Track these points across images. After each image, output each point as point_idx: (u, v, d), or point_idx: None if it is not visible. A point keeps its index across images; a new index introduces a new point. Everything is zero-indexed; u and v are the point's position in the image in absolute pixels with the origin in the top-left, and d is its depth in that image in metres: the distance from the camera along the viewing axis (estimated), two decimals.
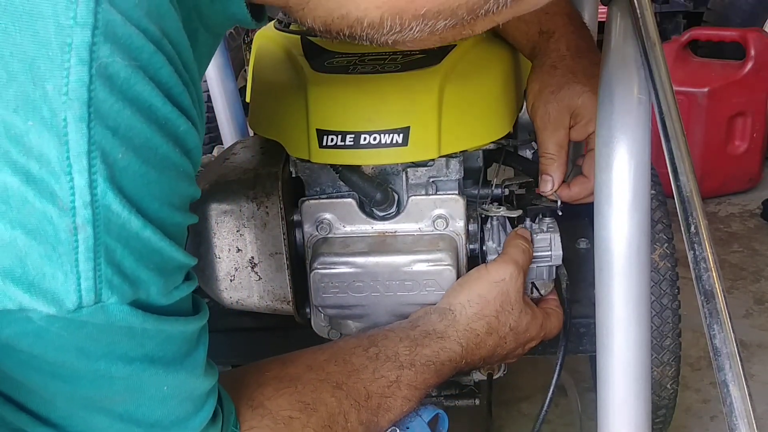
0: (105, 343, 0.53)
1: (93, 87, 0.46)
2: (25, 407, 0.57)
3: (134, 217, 0.50)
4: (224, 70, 1.69)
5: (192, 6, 0.60)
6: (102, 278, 0.49)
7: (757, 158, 2.68)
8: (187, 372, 0.60)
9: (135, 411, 0.59)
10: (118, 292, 0.50)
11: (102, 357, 0.54)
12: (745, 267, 2.20)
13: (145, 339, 0.55)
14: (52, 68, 0.45)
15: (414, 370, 0.84)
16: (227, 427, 0.68)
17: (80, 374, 0.55)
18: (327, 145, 0.91)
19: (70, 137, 0.46)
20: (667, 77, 0.77)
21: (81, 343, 0.53)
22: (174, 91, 0.51)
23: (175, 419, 0.62)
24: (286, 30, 1.07)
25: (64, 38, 0.45)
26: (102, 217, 0.48)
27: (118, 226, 0.49)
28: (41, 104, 0.45)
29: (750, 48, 2.55)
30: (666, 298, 1.16)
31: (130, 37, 0.47)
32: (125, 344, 0.54)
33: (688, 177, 0.72)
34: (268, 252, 0.97)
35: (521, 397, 1.64)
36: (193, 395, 0.63)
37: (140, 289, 0.52)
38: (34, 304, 0.48)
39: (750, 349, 1.79)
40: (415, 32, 0.59)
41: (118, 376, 0.56)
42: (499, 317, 0.90)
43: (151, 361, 0.57)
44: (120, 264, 0.50)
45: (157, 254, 0.53)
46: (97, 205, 0.47)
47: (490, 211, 0.98)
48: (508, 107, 0.99)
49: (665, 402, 1.25)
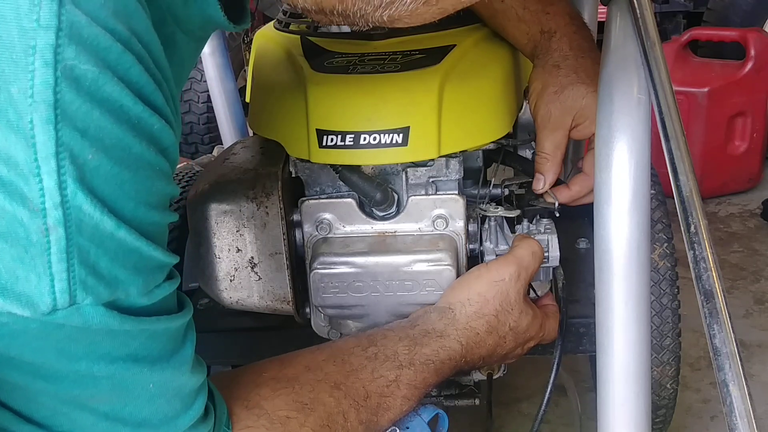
0: (85, 344, 0.53)
1: (59, 89, 0.46)
2: (7, 405, 0.56)
3: (107, 217, 0.49)
4: (224, 70, 1.69)
5: (166, 9, 0.60)
6: (76, 279, 0.49)
7: (757, 158, 2.68)
8: (174, 369, 0.60)
9: (121, 410, 0.58)
10: (93, 292, 0.50)
11: (83, 357, 0.54)
12: (745, 267, 2.20)
13: (128, 338, 0.55)
14: (17, 71, 0.45)
15: (413, 369, 0.84)
16: (219, 427, 0.68)
17: (62, 374, 0.54)
18: (327, 145, 0.91)
19: (37, 139, 0.46)
20: (667, 77, 0.77)
21: (60, 345, 0.52)
22: (145, 90, 0.51)
23: (164, 417, 0.61)
24: (286, 30, 1.07)
25: (27, 41, 0.45)
26: (74, 218, 0.48)
27: (90, 226, 0.49)
28: (7, 107, 0.46)
29: (750, 48, 2.55)
30: (666, 298, 1.16)
31: (96, 38, 0.47)
32: (107, 344, 0.54)
33: (688, 177, 0.72)
34: (268, 252, 0.97)
35: (521, 397, 1.64)
36: (181, 393, 0.62)
37: (118, 290, 0.52)
38: (8, 307, 0.48)
39: (750, 349, 1.79)
40: (408, 2, 0.57)
41: (102, 376, 0.55)
42: (499, 316, 0.90)
43: (135, 360, 0.56)
44: (94, 265, 0.50)
45: (134, 254, 0.52)
46: (67, 206, 0.47)
47: (488, 211, 0.98)
48: (508, 107, 0.99)
49: (665, 402, 1.25)
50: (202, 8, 0.62)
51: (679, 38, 2.76)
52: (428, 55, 0.95)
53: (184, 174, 1.37)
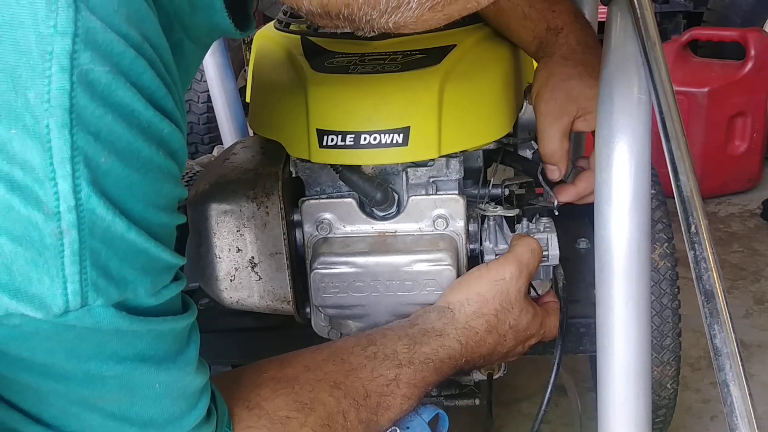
0: (94, 344, 0.54)
1: (74, 94, 0.46)
2: (17, 406, 0.57)
3: (118, 219, 0.50)
4: (224, 70, 1.69)
5: (174, 15, 0.60)
6: (88, 281, 0.49)
7: (757, 158, 2.68)
8: (179, 369, 0.61)
9: (128, 409, 0.59)
10: (104, 294, 0.50)
11: (92, 358, 0.54)
12: (745, 267, 2.20)
13: (136, 339, 0.56)
14: (34, 76, 0.46)
15: (413, 368, 0.84)
16: (221, 428, 0.68)
17: (71, 374, 0.55)
18: (327, 145, 0.91)
19: (53, 144, 0.46)
20: (667, 77, 0.77)
21: (70, 345, 0.53)
22: (156, 95, 0.52)
23: (169, 417, 0.62)
24: (286, 30, 1.07)
25: (44, 46, 0.46)
26: (87, 221, 0.48)
27: (102, 228, 0.49)
28: (23, 112, 0.46)
29: (750, 48, 2.55)
30: (666, 298, 1.16)
31: (110, 43, 0.48)
32: (115, 344, 0.55)
33: (688, 177, 0.72)
34: (268, 252, 0.97)
35: (521, 397, 1.64)
36: (186, 393, 0.63)
37: (127, 290, 0.52)
38: (21, 309, 0.48)
39: (750, 349, 1.79)
40: (413, 7, 0.58)
41: (110, 375, 0.56)
42: (498, 316, 0.90)
43: (142, 360, 0.57)
44: (105, 266, 0.50)
45: (143, 255, 0.53)
46: (81, 209, 0.48)
47: (487, 210, 0.98)
48: (509, 107, 0.99)
49: (665, 402, 1.25)
50: (210, 16, 0.62)
51: (679, 38, 2.76)
52: (428, 55, 0.95)
53: (184, 174, 1.37)
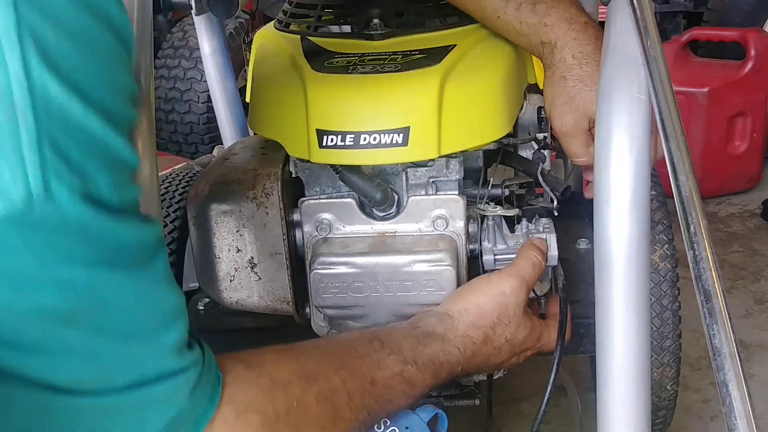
0: (61, 247, 0.52)
1: None
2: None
3: (75, 101, 0.49)
4: (224, 70, 1.69)
5: None
6: (49, 167, 0.48)
7: (757, 158, 2.68)
8: (149, 282, 0.59)
9: (104, 322, 0.57)
10: (66, 182, 0.49)
11: (60, 261, 0.52)
12: (745, 267, 2.20)
13: (101, 242, 0.54)
14: None
15: (416, 367, 0.84)
16: (208, 377, 0.65)
17: (42, 283, 0.52)
18: (327, 145, 0.91)
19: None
20: (668, 77, 0.77)
21: (36, 248, 0.51)
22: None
23: (146, 331, 0.59)
24: (286, 30, 1.07)
25: None
26: (41, 102, 0.47)
27: (58, 112, 0.48)
28: None
29: (750, 48, 2.54)
30: (666, 299, 1.16)
31: None
32: (81, 247, 0.53)
33: (688, 177, 0.72)
34: (268, 252, 0.97)
35: (521, 397, 1.64)
36: (160, 308, 0.60)
37: (89, 182, 0.51)
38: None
39: (750, 349, 1.79)
40: None
41: (81, 283, 0.54)
42: (496, 329, 0.90)
43: (110, 266, 0.55)
44: (66, 153, 0.49)
45: (101, 144, 0.51)
46: (34, 87, 0.47)
47: (486, 210, 0.98)
48: (509, 107, 0.99)
49: (665, 403, 1.25)
50: None
51: (679, 38, 2.76)
52: (428, 55, 0.95)
53: (184, 174, 1.36)
